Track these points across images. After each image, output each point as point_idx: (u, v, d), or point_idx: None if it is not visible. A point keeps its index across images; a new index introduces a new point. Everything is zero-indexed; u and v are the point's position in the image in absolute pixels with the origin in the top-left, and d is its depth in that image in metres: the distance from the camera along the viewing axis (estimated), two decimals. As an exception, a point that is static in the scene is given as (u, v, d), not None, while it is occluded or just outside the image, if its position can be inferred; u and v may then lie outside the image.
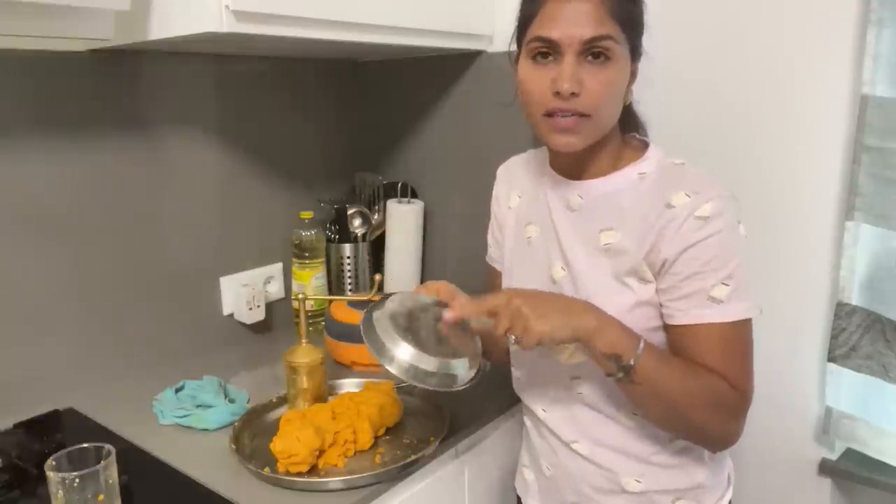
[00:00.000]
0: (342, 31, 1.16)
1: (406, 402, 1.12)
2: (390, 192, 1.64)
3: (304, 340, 1.10)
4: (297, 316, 1.13)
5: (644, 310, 0.84)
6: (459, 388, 0.85)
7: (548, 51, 0.80)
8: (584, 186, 0.89)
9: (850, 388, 1.21)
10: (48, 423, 1.10)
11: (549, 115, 0.81)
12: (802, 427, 1.29)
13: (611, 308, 0.81)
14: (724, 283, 0.79)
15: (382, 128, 1.70)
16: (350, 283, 1.62)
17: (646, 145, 0.90)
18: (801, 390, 1.28)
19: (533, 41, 0.81)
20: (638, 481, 0.89)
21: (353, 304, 1.39)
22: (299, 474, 0.95)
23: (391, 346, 0.84)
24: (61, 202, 1.21)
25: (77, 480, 0.77)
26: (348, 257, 1.62)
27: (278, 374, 1.25)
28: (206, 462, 1.02)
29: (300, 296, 1.10)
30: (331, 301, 1.41)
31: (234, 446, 1.01)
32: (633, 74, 0.85)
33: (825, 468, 1.28)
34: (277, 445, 0.96)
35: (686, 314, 0.81)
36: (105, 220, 1.27)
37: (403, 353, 0.83)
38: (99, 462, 0.79)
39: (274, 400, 1.16)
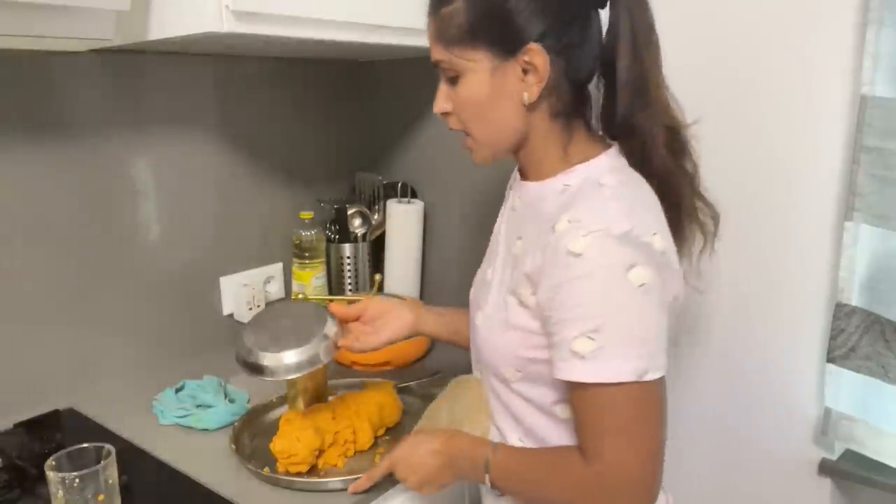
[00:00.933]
0: (342, 32, 1.16)
1: (406, 403, 1.13)
2: (390, 192, 1.64)
3: None
4: None
5: (519, 335, 0.78)
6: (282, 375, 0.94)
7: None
8: (524, 189, 0.86)
9: (849, 389, 1.20)
10: (48, 423, 1.10)
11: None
12: (802, 428, 1.28)
13: (493, 318, 0.81)
14: (588, 337, 0.69)
15: (382, 128, 1.70)
16: (350, 283, 1.62)
17: (600, 152, 0.81)
18: (800, 391, 1.27)
19: None
20: None
21: (353, 304, 1.39)
22: (299, 474, 0.96)
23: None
24: (61, 202, 1.21)
25: (77, 480, 0.77)
26: (348, 257, 1.62)
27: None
28: (207, 462, 1.02)
29: (300, 295, 1.10)
30: (330, 300, 1.41)
31: (234, 446, 1.02)
32: (532, 68, 0.75)
33: (825, 468, 1.27)
34: (277, 445, 0.96)
35: (554, 366, 0.73)
36: (105, 220, 1.27)
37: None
38: (99, 462, 0.79)
39: (274, 400, 1.17)
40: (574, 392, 0.73)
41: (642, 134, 0.79)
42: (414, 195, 1.64)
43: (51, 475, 0.77)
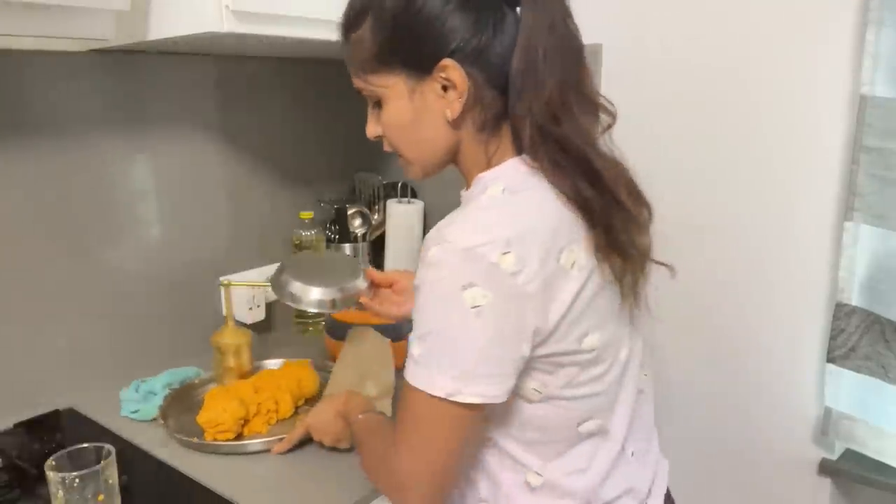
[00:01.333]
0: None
1: (323, 376, 1.21)
2: (390, 192, 1.64)
3: (230, 323, 1.21)
4: (226, 301, 1.23)
5: None
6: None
7: None
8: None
9: (849, 389, 1.20)
10: (48, 423, 1.10)
11: None
12: (802, 427, 1.29)
13: None
14: (417, 342, 0.70)
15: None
16: (350, 283, 1.62)
17: (500, 163, 0.78)
18: (801, 391, 1.28)
19: None
20: None
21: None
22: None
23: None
24: (61, 202, 1.21)
25: (77, 480, 0.77)
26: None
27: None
28: (207, 462, 1.02)
29: (225, 281, 1.20)
30: (257, 286, 1.44)
31: (161, 421, 1.10)
32: (451, 84, 0.73)
33: (825, 468, 1.28)
34: (204, 417, 1.05)
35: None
36: (105, 220, 1.27)
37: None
38: (99, 462, 0.79)
39: (196, 382, 1.25)
40: (403, 386, 0.74)
41: (562, 147, 0.73)
42: (414, 195, 1.64)
43: (51, 475, 0.77)
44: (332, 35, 1.13)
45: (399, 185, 1.62)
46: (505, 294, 0.67)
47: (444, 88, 0.74)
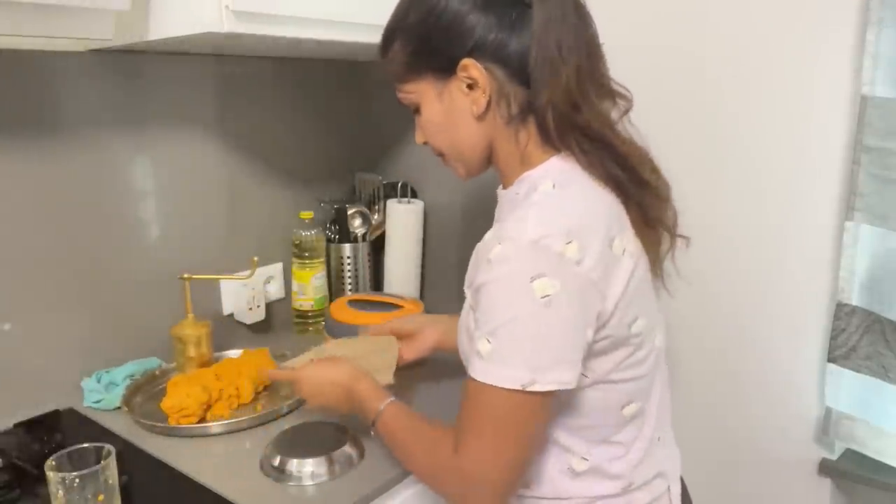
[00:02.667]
0: (342, 32, 1.16)
1: (280, 363, 1.22)
2: (390, 192, 1.64)
3: (190, 315, 1.25)
4: (185, 294, 1.25)
5: (466, 336, 0.81)
6: None
7: None
8: (499, 198, 0.90)
9: (849, 389, 1.20)
10: (48, 423, 1.10)
11: None
12: (802, 427, 1.28)
13: (461, 325, 0.84)
14: (486, 339, 0.71)
15: (382, 128, 1.70)
16: (350, 283, 1.62)
17: (546, 160, 0.81)
18: (801, 391, 1.28)
19: None
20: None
21: (352, 303, 1.39)
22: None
23: None
24: (61, 202, 1.21)
25: (77, 480, 0.77)
26: (348, 257, 1.62)
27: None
28: (206, 462, 1.02)
29: (185, 275, 1.24)
30: (216, 279, 1.45)
31: (125, 408, 1.14)
32: (474, 82, 0.78)
33: (825, 468, 1.27)
34: (167, 403, 1.10)
35: (468, 363, 0.76)
36: (105, 220, 1.27)
37: None
38: (99, 462, 0.79)
39: (157, 372, 1.28)
40: (466, 385, 0.75)
41: (585, 134, 0.78)
42: (414, 195, 1.64)
43: (51, 475, 0.77)
44: (332, 35, 1.15)
45: (399, 185, 1.62)
46: (572, 282, 0.70)
47: (469, 87, 0.79)
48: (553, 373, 0.71)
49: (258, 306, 1.51)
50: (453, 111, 0.82)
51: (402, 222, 1.60)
